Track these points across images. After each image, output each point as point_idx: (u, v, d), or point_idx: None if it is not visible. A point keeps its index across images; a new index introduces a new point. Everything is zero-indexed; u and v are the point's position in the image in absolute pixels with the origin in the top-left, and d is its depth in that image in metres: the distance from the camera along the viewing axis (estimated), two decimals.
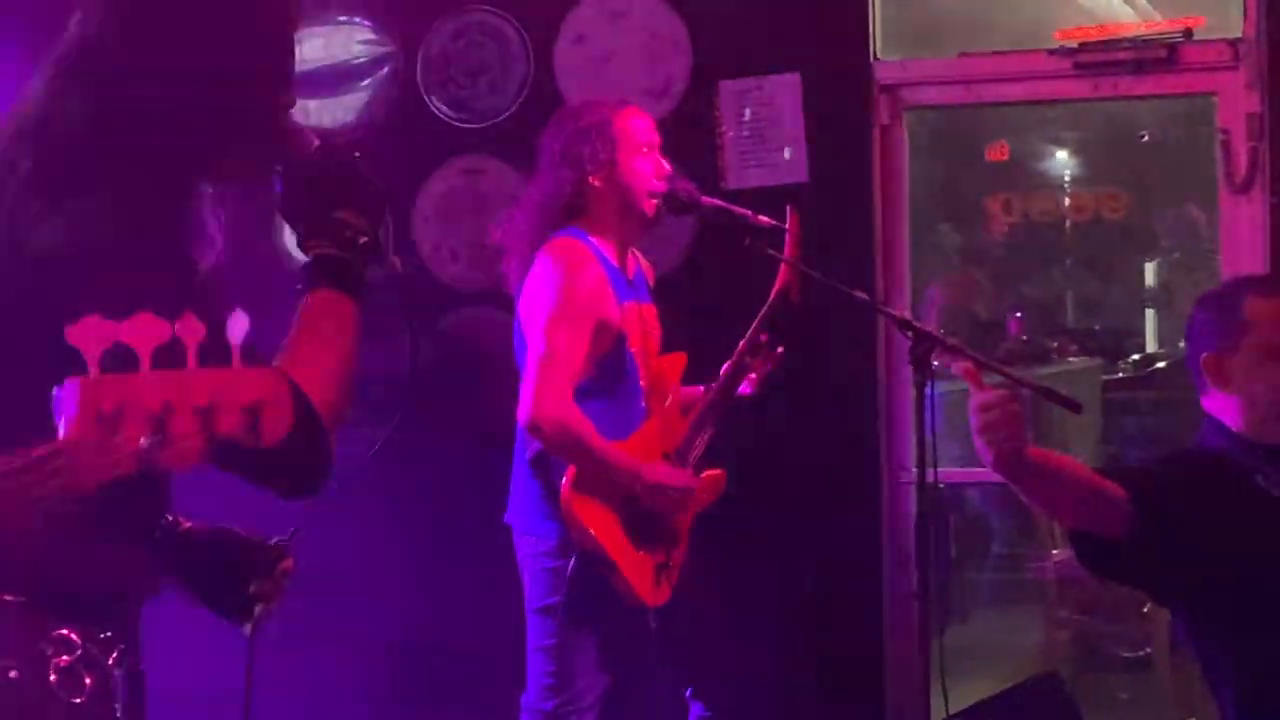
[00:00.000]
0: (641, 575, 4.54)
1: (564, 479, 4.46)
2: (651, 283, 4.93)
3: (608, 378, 4.56)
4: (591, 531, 4.43)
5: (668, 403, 4.74)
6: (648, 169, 4.66)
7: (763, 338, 4.81)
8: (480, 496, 5.40)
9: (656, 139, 4.77)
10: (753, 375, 4.84)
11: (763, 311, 4.82)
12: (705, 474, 4.75)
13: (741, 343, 4.83)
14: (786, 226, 4.87)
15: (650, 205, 4.66)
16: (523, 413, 4.42)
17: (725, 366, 4.84)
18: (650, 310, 4.77)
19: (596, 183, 4.60)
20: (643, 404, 4.64)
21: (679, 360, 4.81)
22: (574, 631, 4.57)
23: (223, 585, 2.73)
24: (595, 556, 4.49)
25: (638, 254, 4.93)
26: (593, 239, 4.63)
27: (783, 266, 4.84)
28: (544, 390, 4.38)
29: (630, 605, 4.58)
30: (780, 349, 4.88)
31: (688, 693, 4.83)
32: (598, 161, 4.59)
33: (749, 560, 5.89)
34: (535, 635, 4.63)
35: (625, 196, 4.64)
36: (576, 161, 4.61)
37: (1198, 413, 4.39)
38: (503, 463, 4.89)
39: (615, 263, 4.64)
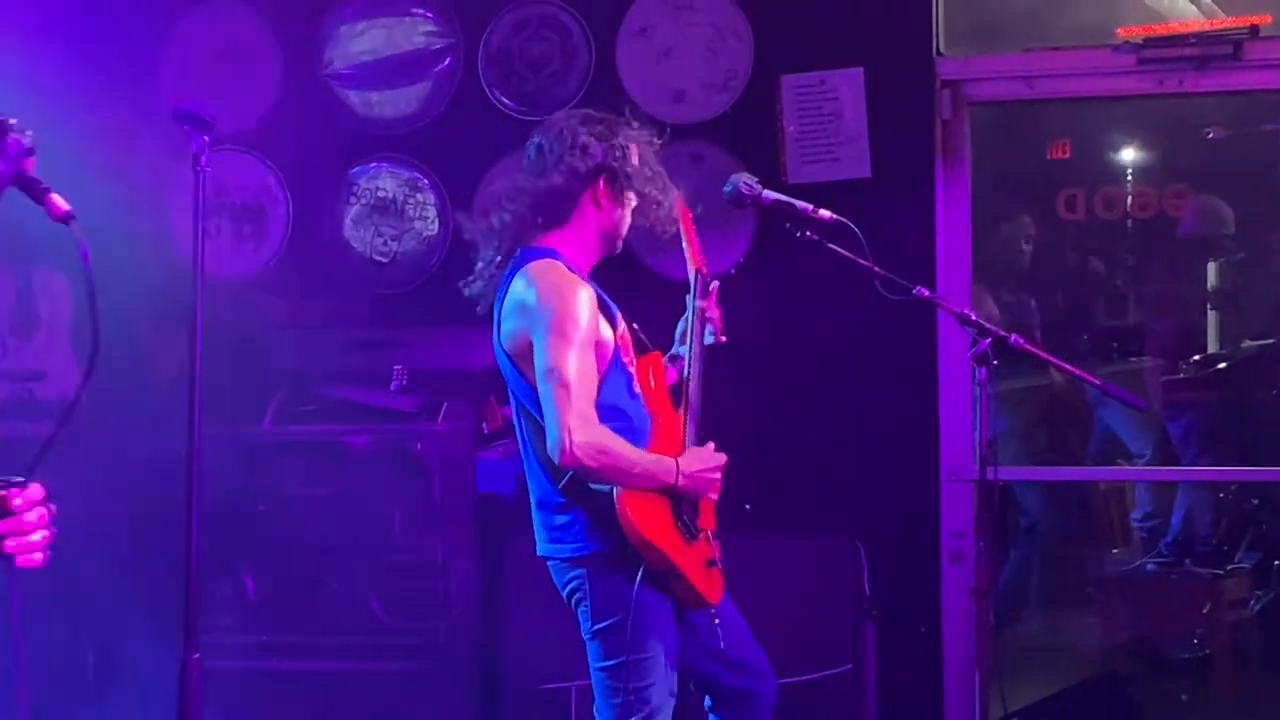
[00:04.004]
0: (699, 575, 4.56)
1: (617, 499, 4.42)
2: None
3: (613, 394, 4.51)
4: (654, 541, 4.42)
5: (663, 401, 4.70)
6: (635, 203, 4.64)
7: (713, 284, 4.77)
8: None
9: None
10: (713, 318, 4.77)
11: (692, 275, 4.77)
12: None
13: (697, 302, 4.77)
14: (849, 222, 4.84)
15: (619, 245, 4.66)
16: (555, 450, 4.35)
17: (682, 333, 4.83)
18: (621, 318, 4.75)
19: (604, 204, 4.54)
20: (646, 410, 4.59)
21: (657, 359, 4.76)
22: (643, 644, 4.53)
23: None
24: (659, 565, 4.48)
25: None
26: (566, 256, 4.55)
27: (689, 252, 4.79)
28: (574, 424, 4.32)
29: (695, 607, 4.59)
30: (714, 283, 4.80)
31: (706, 703, 4.84)
32: (615, 184, 4.52)
33: (807, 560, 5.91)
34: (598, 657, 4.58)
35: (615, 223, 4.60)
36: (592, 175, 4.52)
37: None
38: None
39: (588, 278, 4.57)
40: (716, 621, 4.64)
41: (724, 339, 4.80)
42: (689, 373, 4.66)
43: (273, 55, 6.61)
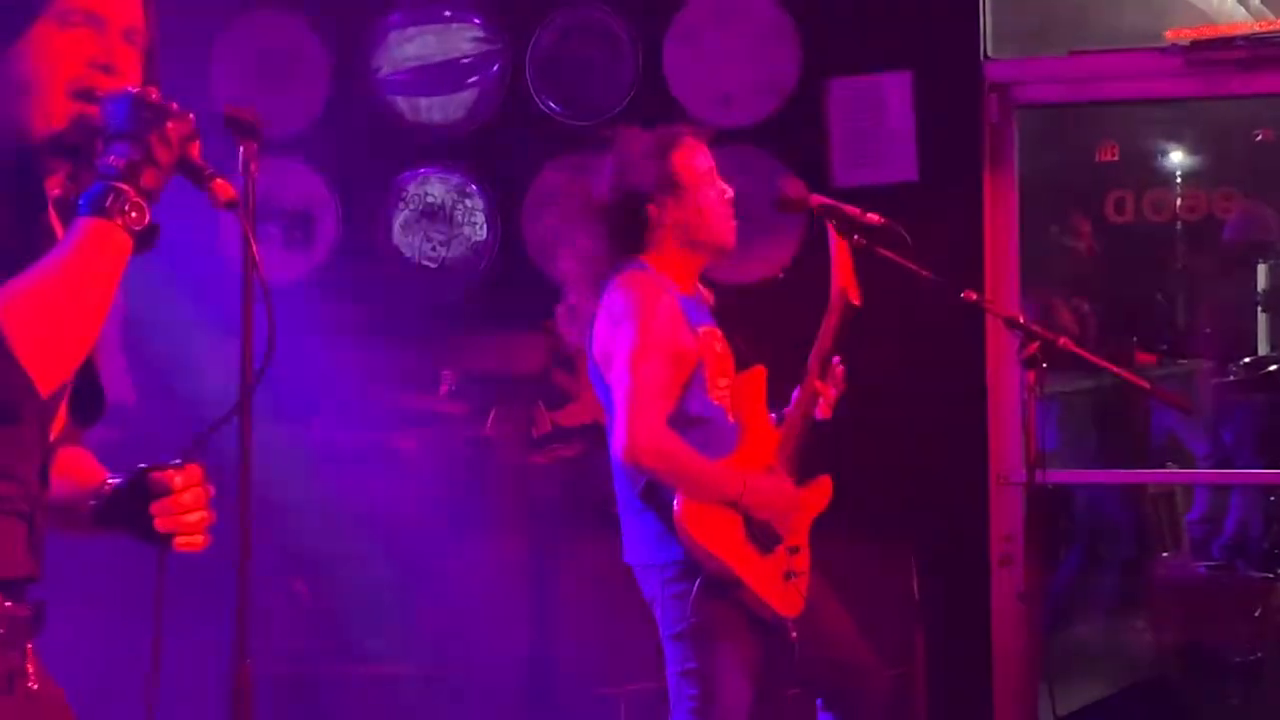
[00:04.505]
0: (770, 586, 4.58)
1: (675, 504, 4.47)
2: (711, 305, 4.95)
3: (692, 403, 4.58)
4: (712, 551, 4.46)
5: (758, 416, 4.74)
6: (714, 197, 4.69)
7: (835, 361, 4.78)
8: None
9: (713, 164, 4.79)
10: (825, 400, 4.80)
11: (827, 325, 4.76)
12: (813, 481, 4.74)
13: (810, 363, 4.78)
14: (894, 225, 4.86)
15: (731, 231, 4.70)
16: (618, 448, 4.45)
17: (796, 393, 4.84)
18: (718, 332, 4.78)
19: (659, 215, 4.59)
20: (731, 421, 4.65)
21: (759, 374, 4.79)
22: (710, 652, 4.57)
23: (141, 515, 2.72)
24: (720, 575, 4.51)
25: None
26: (657, 268, 4.64)
27: (835, 269, 4.79)
28: (637, 423, 4.41)
29: (764, 618, 4.61)
30: (841, 370, 4.84)
31: (819, 702, 4.85)
32: (661, 195, 4.59)
33: (857, 565, 5.79)
34: (673, 661, 4.63)
35: (694, 227, 4.65)
36: (638, 192, 4.61)
37: None
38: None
39: (682, 290, 4.65)
40: (793, 636, 4.65)
41: (827, 415, 4.79)
42: (789, 419, 4.70)
43: (321, 61, 6.67)
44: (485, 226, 6.44)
